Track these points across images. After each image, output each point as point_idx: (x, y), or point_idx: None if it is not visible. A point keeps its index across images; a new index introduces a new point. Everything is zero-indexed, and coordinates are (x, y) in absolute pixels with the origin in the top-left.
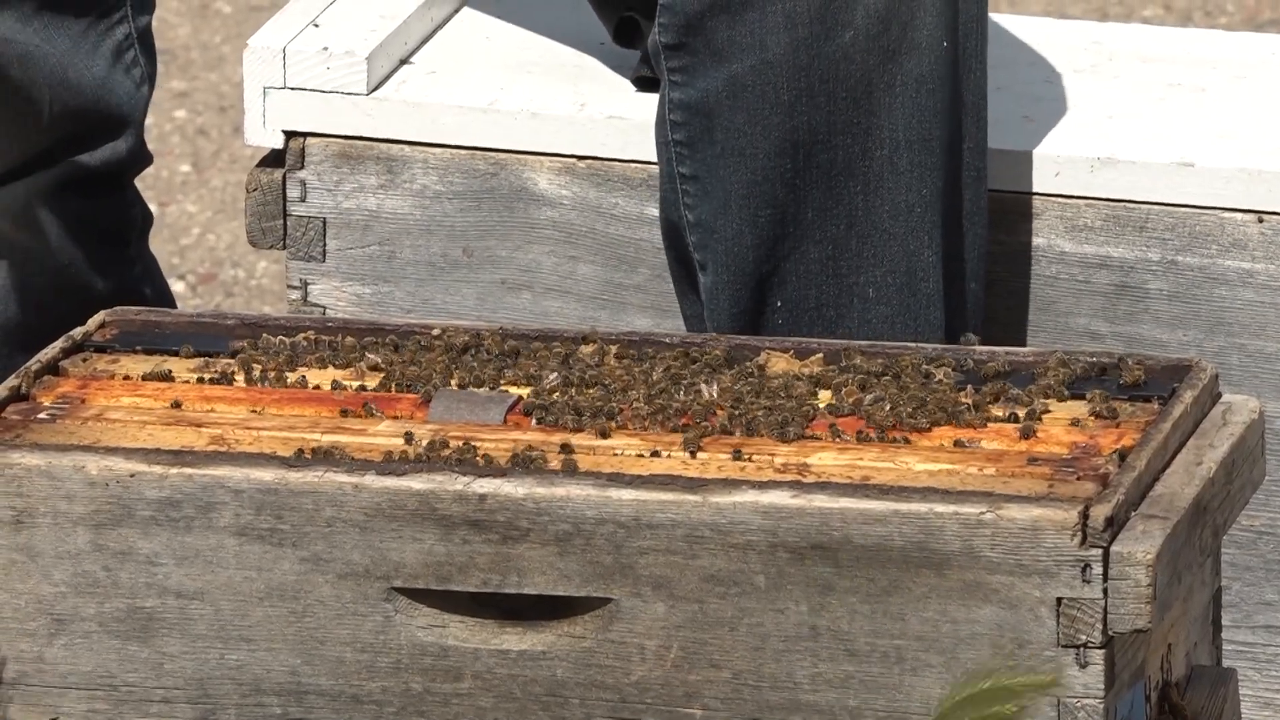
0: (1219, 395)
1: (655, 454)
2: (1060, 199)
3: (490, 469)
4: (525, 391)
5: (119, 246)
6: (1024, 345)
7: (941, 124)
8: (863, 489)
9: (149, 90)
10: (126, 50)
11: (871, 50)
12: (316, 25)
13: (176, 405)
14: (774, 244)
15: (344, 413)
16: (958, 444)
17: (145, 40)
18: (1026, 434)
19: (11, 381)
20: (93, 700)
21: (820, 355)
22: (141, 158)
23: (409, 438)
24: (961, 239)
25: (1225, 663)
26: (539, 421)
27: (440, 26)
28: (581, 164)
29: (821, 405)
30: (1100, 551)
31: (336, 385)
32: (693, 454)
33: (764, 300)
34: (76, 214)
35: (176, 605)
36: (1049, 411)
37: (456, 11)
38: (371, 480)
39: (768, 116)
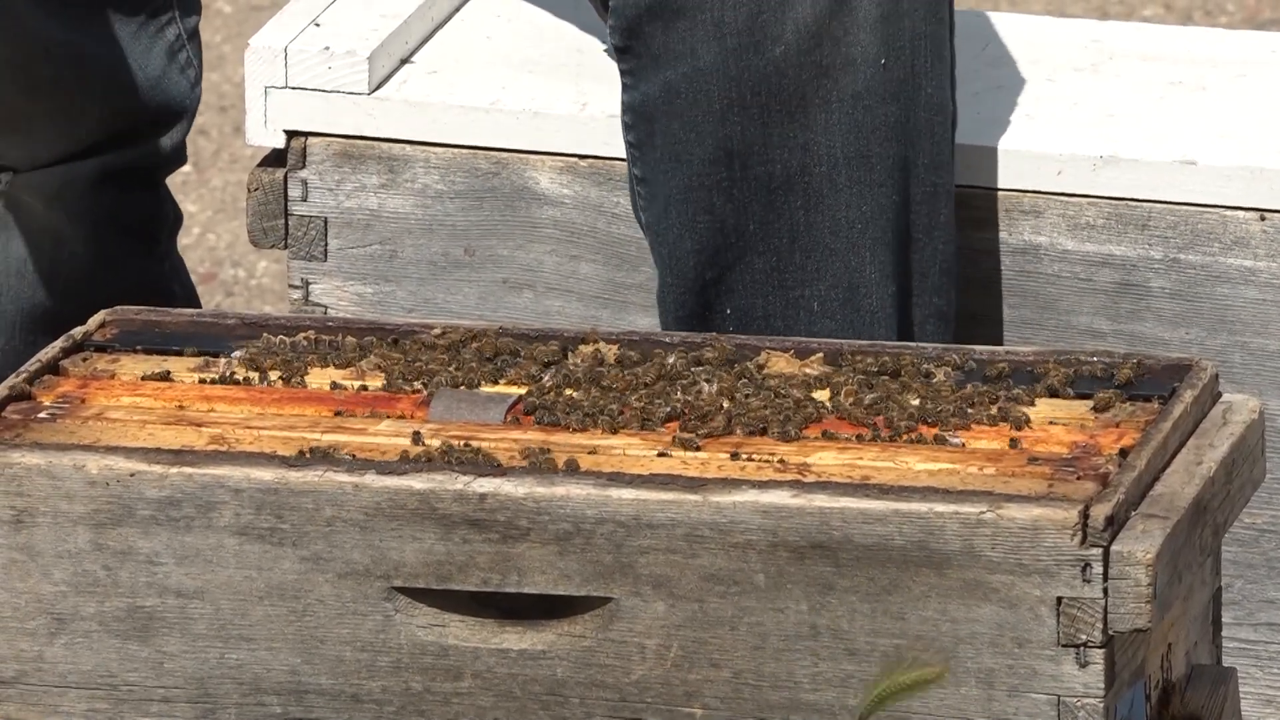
0: (1219, 395)
1: (655, 453)
2: (1062, 197)
3: (490, 468)
4: (525, 391)
5: (149, 242)
6: (1026, 344)
7: (883, 141)
8: (863, 488)
9: (199, 90)
10: (179, 51)
11: (804, 65)
12: (318, 25)
13: (177, 405)
14: (715, 252)
15: (344, 412)
16: (958, 444)
17: (194, 41)
18: (1019, 428)
19: (11, 380)
20: (93, 700)
21: (820, 355)
22: (180, 158)
23: (417, 437)
24: (911, 256)
25: (1227, 660)
26: (539, 421)
27: (441, 26)
28: (583, 163)
29: (822, 405)
30: (1100, 551)
31: (337, 385)
32: (693, 452)
33: (711, 307)
34: (111, 206)
35: (176, 604)
36: (1049, 411)
37: (457, 11)
38: (371, 480)
39: (701, 123)
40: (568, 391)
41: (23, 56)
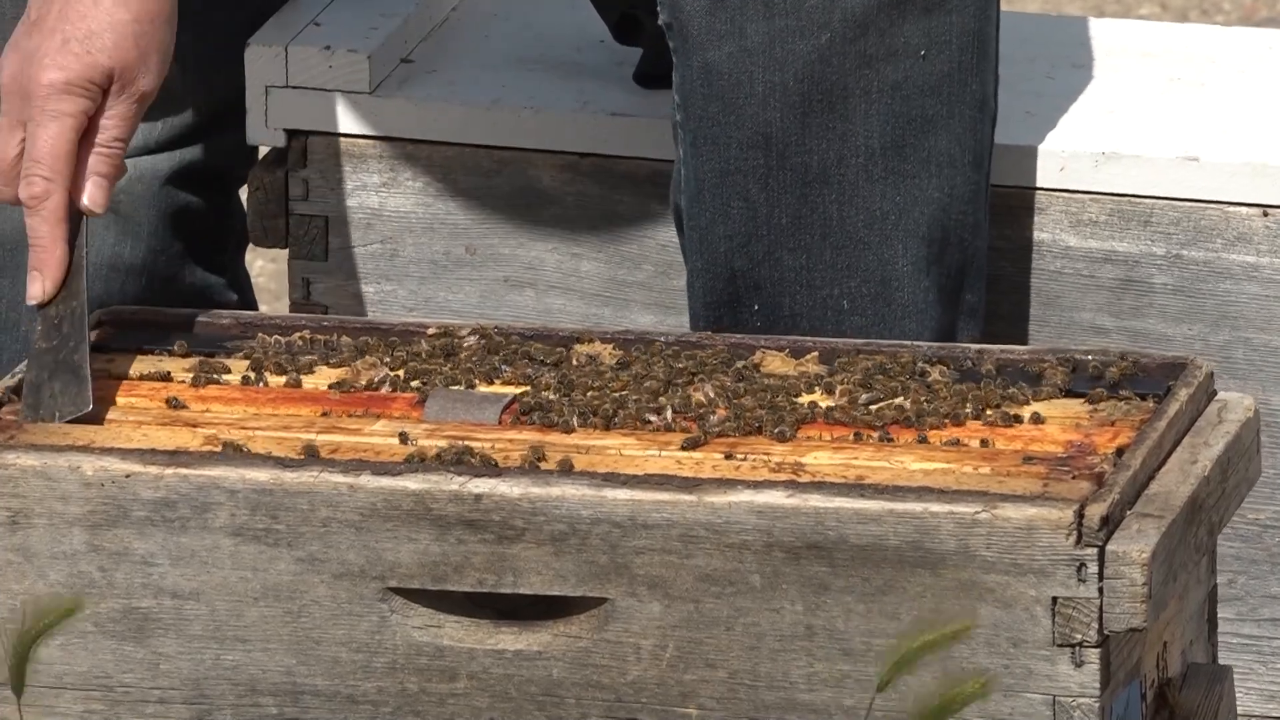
0: (1214, 393)
1: (651, 454)
2: (1065, 194)
3: (485, 469)
4: (521, 391)
5: (215, 252)
6: (1028, 340)
7: (919, 133)
8: (858, 488)
9: None
10: None
11: (848, 55)
12: (318, 24)
13: (172, 405)
14: (746, 240)
15: (339, 413)
16: (953, 443)
17: None
18: (1015, 427)
19: (6, 382)
20: (89, 701)
21: (816, 354)
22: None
23: (404, 437)
24: (945, 251)
25: (1229, 656)
26: (535, 421)
27: (441, 24)
28: (584, 161)
29: (817, 405)
30: (1095, 550)
31: (332, 385)
32: (688, 452)
33: (739, 299)
34: (179, 206)
35: (172, 605)
36: (1045, 410)
37: (456, 10)
38: (367, 480)
39: (742, 106)
40: (564, 391)
41: None
